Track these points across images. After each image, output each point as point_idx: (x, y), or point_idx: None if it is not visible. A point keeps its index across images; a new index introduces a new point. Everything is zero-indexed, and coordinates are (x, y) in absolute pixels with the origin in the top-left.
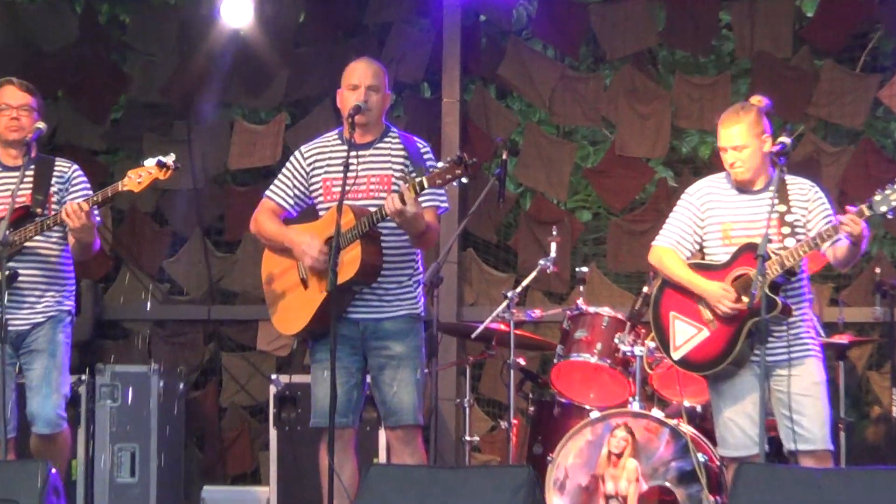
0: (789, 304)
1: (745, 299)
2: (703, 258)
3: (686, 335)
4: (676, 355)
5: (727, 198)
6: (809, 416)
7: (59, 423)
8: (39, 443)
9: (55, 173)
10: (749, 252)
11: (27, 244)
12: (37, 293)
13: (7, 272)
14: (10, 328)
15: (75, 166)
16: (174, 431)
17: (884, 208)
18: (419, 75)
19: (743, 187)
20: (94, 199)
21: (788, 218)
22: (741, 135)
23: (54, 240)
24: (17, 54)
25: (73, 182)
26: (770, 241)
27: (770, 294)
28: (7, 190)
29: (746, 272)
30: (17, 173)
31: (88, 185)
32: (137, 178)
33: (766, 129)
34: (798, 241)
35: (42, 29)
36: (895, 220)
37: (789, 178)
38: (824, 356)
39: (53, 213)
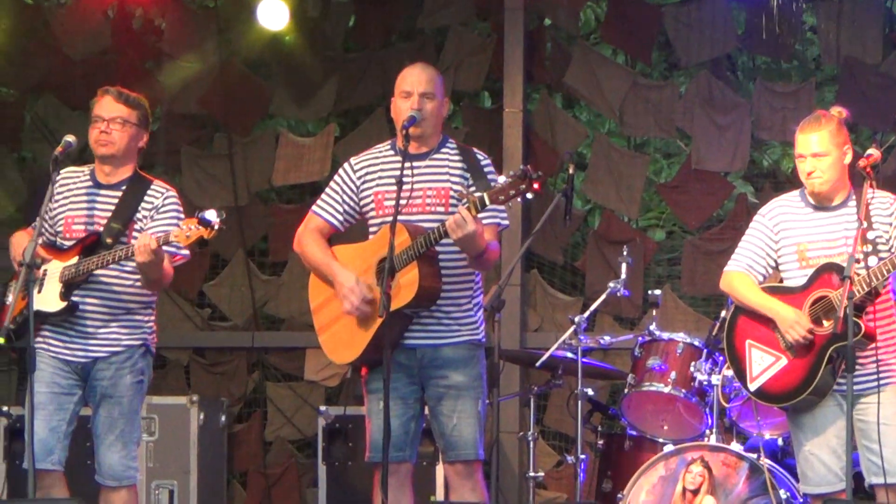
0: (873, 328)
1: (826, 324)
2: (780, 281)
3: (763, 364)
4: (753, 386)
5: (802, 216)
6: (890, 447)
7: (126, 475)
8: (103, 496)
9: (146, 198)
10: (828, 273)
11: (94, 273)
12: (99, 325)
13: (66, 303)
14: (70, 360)
15: (170, 193)
16: (215, 468)
17: None
18: (479, 83)
19: (819, 203)
20: (164, 238)
21: (870, 235)
22: (822, 142)
23: (129, 270)
24: (44, 62)
25: (162, 210)
26: (857, 260)
27: (854, 317)
28: (93, 211)
29: (826, 294)
30: (109, 192)
31: (180, 214)
32: (186, 231)
33: (847, 141)
34: (881, 259)
35: (71, 34)
36: None
37: (879, 195)
38: None
39: (133, 241)
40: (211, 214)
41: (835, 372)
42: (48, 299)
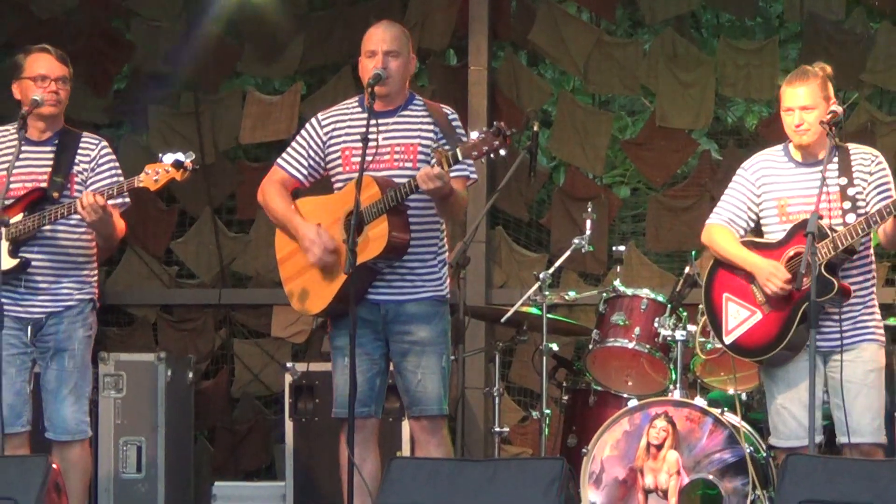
0: (848, 286)
1: (785, 284)
2: (762, 237)
3: (739, 318)
4: (728, 339)
5: (784, 171)
6: (862, 405)
7: (80, 430)
8: (56, 450)
9: (80, 152)
10: (804, 229)
11: (41, 228)
12: (50, 280)
13: (18, 260)
14: (23, 316)
15: (103, 143)
16: (183, 424)
17: None
18: (444, 41)
19: (803, 159)
20: (110, 192)
21: (850, 191)
22: (809, 95)
23: (73, 223)
24: (10, 21)
25: (101, 162)
26: (822, 217)
27: (826, 274)
28: (29, 167)
29: (802, 250)
30: (43, 148)
31: (117, 166)
32: (154, 176)
33: (832, 97)
34: (859, 216)
35: (47, 5)
36: None
37: (852, 147)
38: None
39: (76, 194)
40: (181, 155)
41: (806, 328)
42: None
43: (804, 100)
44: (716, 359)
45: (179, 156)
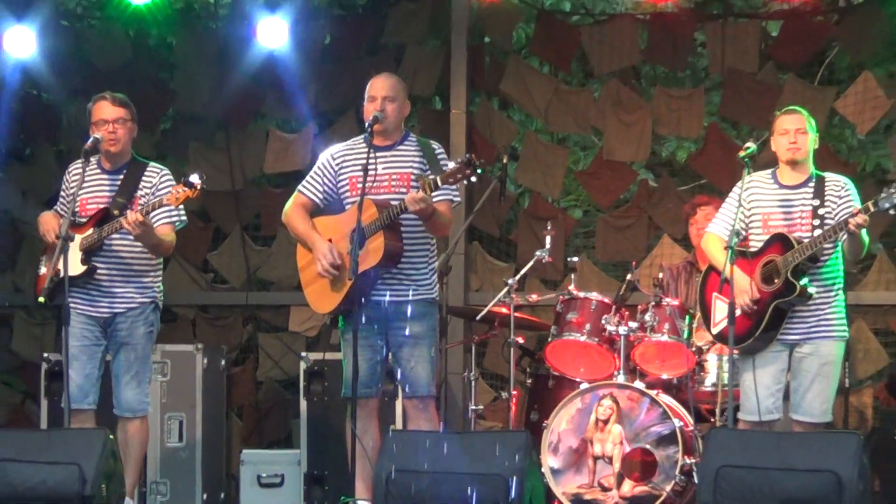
0: (807, 289)
1: (777, 281)
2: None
3: (723, 313)
4: (714, 330)
5: (770, 191)
6: (814, 391)
7: (140, 408)
8: (120, 426)
9: (144, 179)
10: (778, 241)
11: (106, 241)
12: (116, 286)
13: (86, 267)
14: (94, 315)
15: (165, 172)
16: (216, 402)
17: (887, 205)
18: (431, 90)
19: (786, 182)
20: (147, 208)
21: (820, 211)
22: (804, 122)
23: (132, 238)
24: (79, 72)
25: (160, 187)
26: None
27: (791, 279)
28: (102, 192)
29: (773, 259)
30: (114, 176)
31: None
32: (175, 195)
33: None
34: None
35: (100, 50)
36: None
37: (828, 175)
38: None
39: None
40: (194, 177)
41: (777, 322)
42: (72, 265)
43: (801, 124)
44: (652, 350)
45: (192, 177)
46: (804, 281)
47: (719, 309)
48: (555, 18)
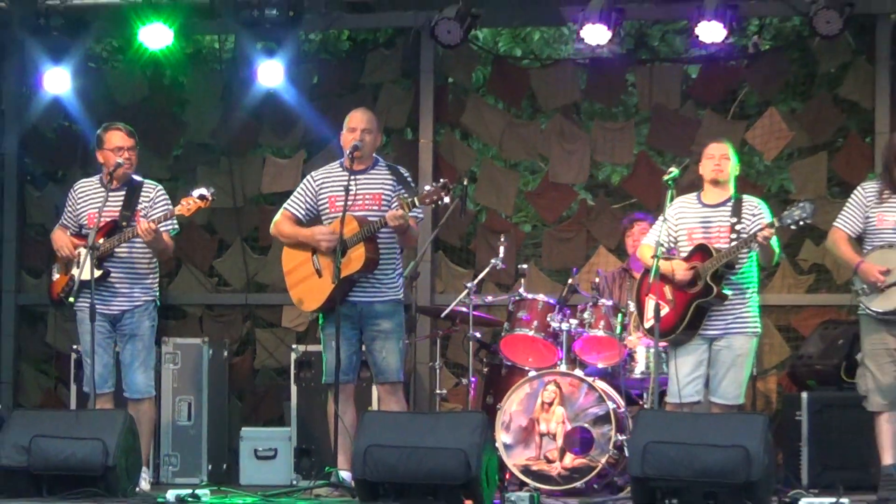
0: (723, 292)
1: (699, 283)
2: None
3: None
4: (647, 325)
5: (693, 210)
6: (728, 378)
7: (146, 390)
8: (131, 406)
9: (143, 194)
10: (700, 251)
11: (116, 249)
12: (124, 287)
13: (101, 271)
14: (105, 312)
15: (159, 188)
16: (220, 387)
17: (788, 221)
18: (402, 122)
19: (707, 202)
20: (160, 218)
21: (737, 227)
22: (728, 150)
23: (138, 246)
24: (103, 107)
25: (156, 201)
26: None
27: (710, 282)
28: (109, 206)
29: (696, 265)
30: (117, 193)
31: (168, 202)
32: (187, 206)
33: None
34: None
35: (121, 87)
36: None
37: (745, 197)
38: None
39: (141, 220)
40: (205, 191)
41: (698, 319)
42: (87, 271)
43: (726, 151)
44: (590, 343)
45: (203, 190)
46: (720, 284)
47: (652, 308)
48: (507, 62)
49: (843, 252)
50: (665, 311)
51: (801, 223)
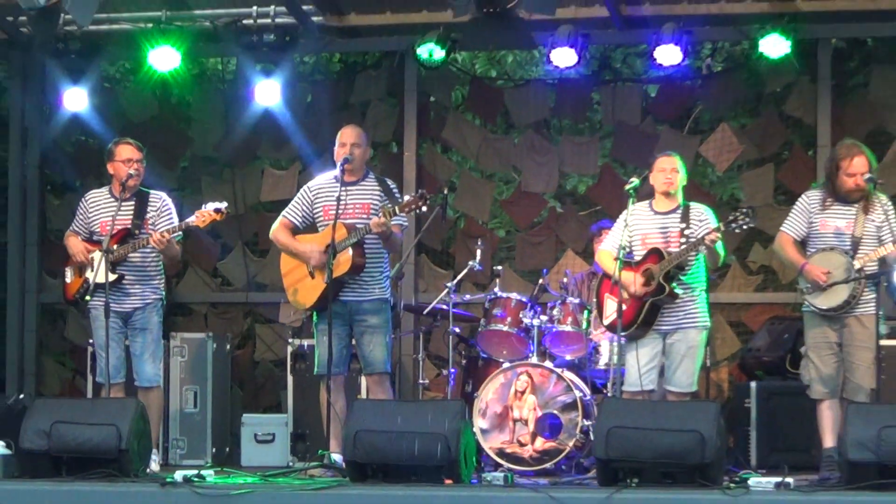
0: (674, 291)
1: (652, 283)
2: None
3: (612, 308)
4: (606, 321)
5: (647, 217)
6: (681, 369)
7: (155, 379)
8: (141, 394)
9: (150, 204)
10: (654, 254)
11: (129, 255)
12: (136, 288)
13: (117, 275)
14: (118, 310)
15: (165, 197)
16: (223, 377)
17: (733, 226)
18: (388, 137)
19: (659, 209)
20: (173, 229)
21: (686, 232)
22: (677, 164)
23: (147, 251)
24: (117, 123)
25: (163, 211)
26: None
27: (662, 282)
28: (119, 215)
29: (650, 267)
30: (127, 203)
31: (173, 212)
32: (202, 218)
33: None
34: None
35: (133, 106)
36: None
37: (693, 205)
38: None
39: (150, 230)
40: (220, 205)
41: (653, 316)
42: (101, 274)
43: (675, 165)
44: (559, 337)
45: (217, 204)
46: (672, 284)
47: (609, 306)
48: (484, 83)
49: (789, 254)
50: (624, 308)
51: (745, 227)
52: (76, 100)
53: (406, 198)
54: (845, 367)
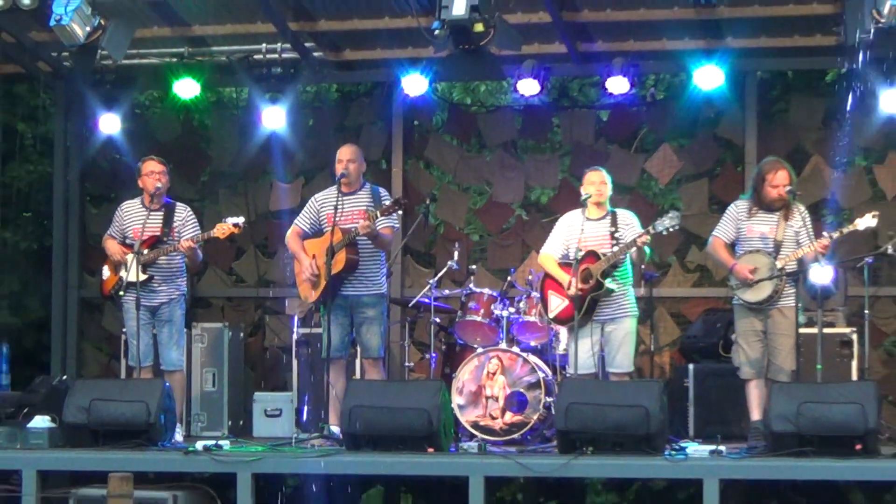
0: (610, 286)
1: (591, 281)
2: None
3: (556, 303)
4: (552, 315)
5: (580, 223)
6: (620, 353)
7: (178, 363)
8: (166, 376)
9: (176, 214)
10: (590, 256)
11: (158, 259)
12: (163, 286)
13: (146, 276)
14: (148, 305)
15: (188, 209)
16: (237, 361)
17: (661, 228)
18: (379, 155)
19: (590, 216)
20: (197, 238)
21: (616, 235)
22: (605, 177)
23: (173, 255)
24: (146, 143)
25: (187, 221)
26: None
27: (600, 279)
28: (150, 224)
29: (588, 266)
30: (156, 213)
31: (196, 222)
32: (222, 230)
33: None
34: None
35: (160, 128)
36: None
37: (619, 211)
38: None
39: (176, 237)
40: (239, 219)
41: (592, 309)
42: (133, 274)
43: (604, 178)
44: (524, 326)
45: (235, 219)
46: (608, 281)
47: (552, 300)
48: (460, 108)
49: (720, 256)
50: (566, 303)
51: (671, 230)
52: (111, 123)
53: (386, 202)
54: (769, 351)
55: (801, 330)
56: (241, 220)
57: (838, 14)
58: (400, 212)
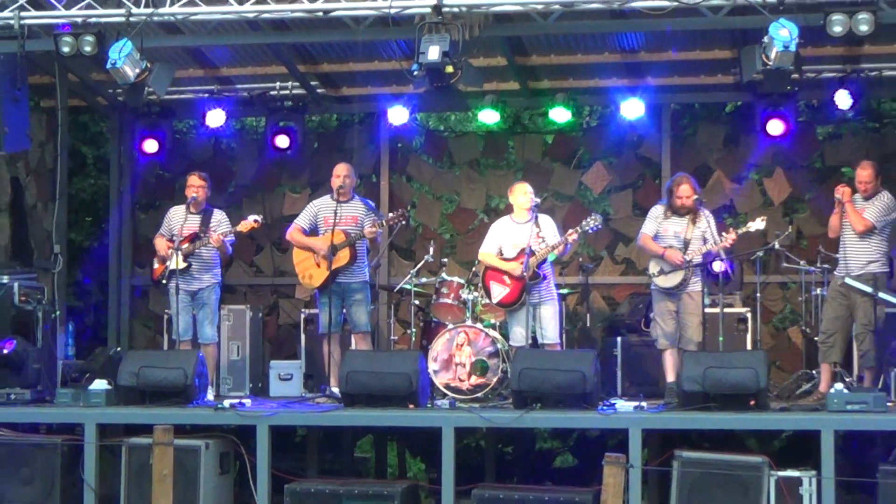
0: (541, 276)
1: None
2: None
3: (498, 290)
4: (494, 301)
5: (510, 226)
6: (549, 328)
7: (212, 338)
8: (202, 348)
9: (213, 217)
10: (521, 253)
11: (196, 251)
12: (200, 274)
13: (186, 264)
14: (188, 290)
15: (223, 213)
16: (257, 335)
17: (586, 227)
18: (370, 171)
19: (518, 220)
20: (225, 233)
21: (540, 234)
22: (528, 187)
23: (210, 248)
24: (183, 162)
25: (222, 222)
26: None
27: (535, 269)
28: (192, 224)
29: (523, 260)
30: (197, 216)
31: (229, 224)
32: (245, 225)
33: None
34: (544, 246)
35: (195, 149)
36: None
37: (541, 216)
38: (560, 300)
39: (212, 234)
40: (258, 217)
41: (527, 295)
42: (174, 262)
43: (529, 190)
44: (486, 307)
45: (256, 217)
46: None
47: (496, 288)
48: (434, 134)
49: (651, 247)
50: (507, 290)
51: (595, 228)
52: (152, 146)
53: (390, 214)
54: (681, 326)
55: (707, 310)
56: (259, 217)
57: (735, 58)
58: (404, 222)
